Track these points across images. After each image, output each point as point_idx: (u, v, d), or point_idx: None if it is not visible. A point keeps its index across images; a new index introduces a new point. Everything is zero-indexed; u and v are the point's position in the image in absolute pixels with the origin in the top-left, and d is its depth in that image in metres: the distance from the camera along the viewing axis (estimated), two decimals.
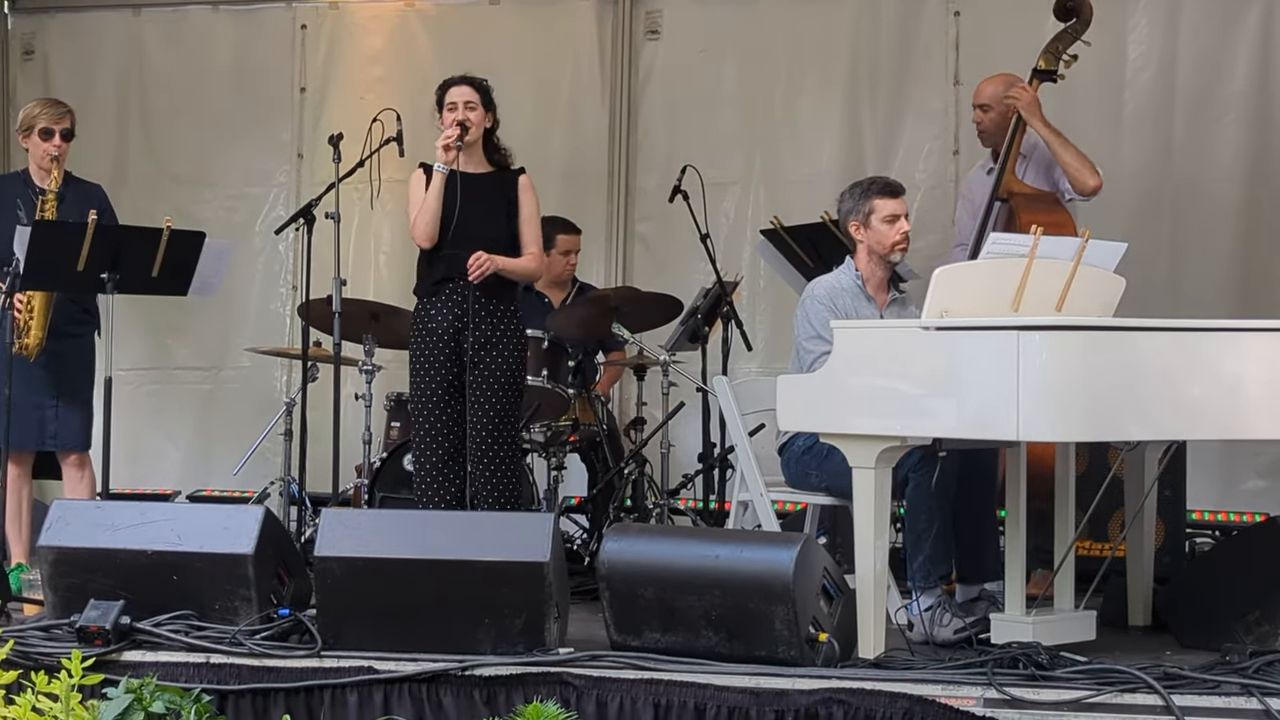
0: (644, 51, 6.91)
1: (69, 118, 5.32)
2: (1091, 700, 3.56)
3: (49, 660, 3.90)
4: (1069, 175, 5.19)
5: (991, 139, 5.42)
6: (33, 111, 5.33)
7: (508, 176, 5.02)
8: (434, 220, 4.88)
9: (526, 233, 5.01)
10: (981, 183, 5.44)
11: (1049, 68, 5.31)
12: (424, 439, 4.93)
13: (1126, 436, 4.06)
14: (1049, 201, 5.18)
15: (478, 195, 4.93)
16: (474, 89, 4.97)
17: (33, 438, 5.24)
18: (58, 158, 5.23)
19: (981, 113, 5.39)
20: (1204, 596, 4.29)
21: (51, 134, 5.25)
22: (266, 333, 6.99)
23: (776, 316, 6.55)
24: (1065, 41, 5.33)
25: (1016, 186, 5.20)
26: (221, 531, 4.17)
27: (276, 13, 7.17)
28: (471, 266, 4.83)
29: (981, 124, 5.42)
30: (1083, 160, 5.20)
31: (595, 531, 5.79)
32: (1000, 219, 5.18)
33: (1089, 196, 5.23)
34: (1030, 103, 5.23)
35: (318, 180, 6.60)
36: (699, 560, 3.89)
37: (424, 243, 4.92)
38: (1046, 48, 5.33)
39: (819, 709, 3.62)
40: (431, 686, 3.84)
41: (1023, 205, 5.11)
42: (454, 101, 4.95)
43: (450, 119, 4.92)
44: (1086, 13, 5.33)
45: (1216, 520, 6.08)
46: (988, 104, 5.37)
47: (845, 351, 4.06)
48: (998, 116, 5.35)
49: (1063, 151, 5.20)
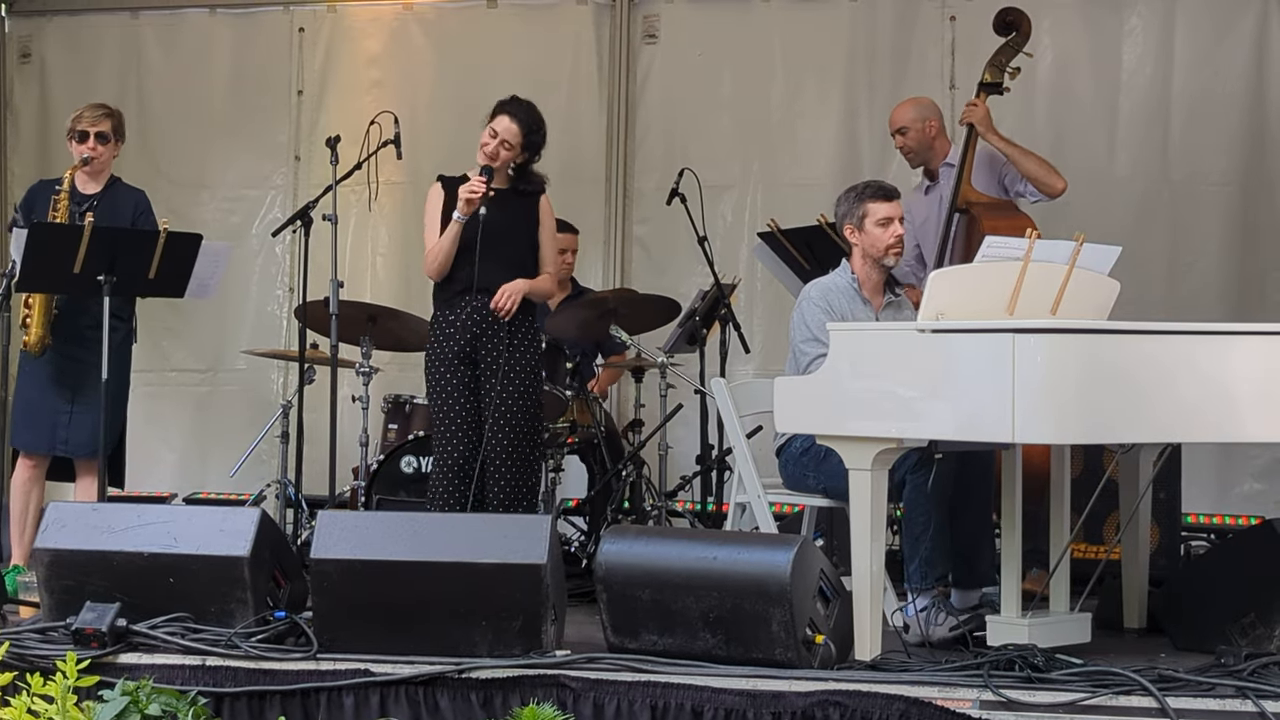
0: (642, 55, 6.92)
1: (108, 120, 5.31)
2: (1087, 702, 3.57)
3: (44, 663, 3.90)
4: (1035, 183, 5.25)
5: (917, 158, 5.48)
6: (77, 114, 5.35)
7: (531, 196, 5.04)
8: (447, 262, 4.93)
9: (546, 253, 5.06)
10: (919, 201, 5.49)
11: (994, 80, 5.40)
12: (442, 446, 4.97)
13: (1121, 439, 4.07)
14: (1008, 209, 5.24)
15: (499, 211, 4.94)
16: (520, 127, 4.93)
17: (45, 442, 5.23)
18: (89, 160, 5.23)
19: (901, 136, 5.46)
20: (1199, 599, 4.30)
21: (85, 136, 5.27)
22: (263, 335, 7.00)
23: (774, 319, 6.56)
24: (1007, 55, 5.41)
25: (974, 196, 5.25)
26: (218, 534, 4.17)
27: (274, 16, 7.17)
28: (498, 307, 4.87)
29: (904, 147, 5.48)
30: (1044, 165, 5.26)
31: (593, 533, 5.80)
32: (961, 229, 5.21)
33: (1056, 197, 5.27)
34: (983, 117, 5.31)
35: (315, 183, 6.61)
36: (696, 562, 3.90)
37: (435, 278, 4.98)
38: (990, 62, 5.42)
39: (815, 711, 3.63)
40: (428, 689, 3.84)
41: (984, 214, 5.16)
42: (495, 130, 4.94)
43: (484, 148, 4.91)
44: (1026, 26, 5.42)
45: (1211, 523, 6.09)
46: (905, 127, 5.44)
47: (842, 354, 4.07)
48: (917, 135, 5.41)
49: (1024, 161, 5.26)
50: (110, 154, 5.32)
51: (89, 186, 5.30)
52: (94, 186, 5.31)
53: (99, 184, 5.32)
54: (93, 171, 5.28)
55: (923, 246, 5.39)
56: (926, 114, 5.42)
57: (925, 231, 5.38)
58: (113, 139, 5.31)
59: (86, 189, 5.29)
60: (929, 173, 5.48)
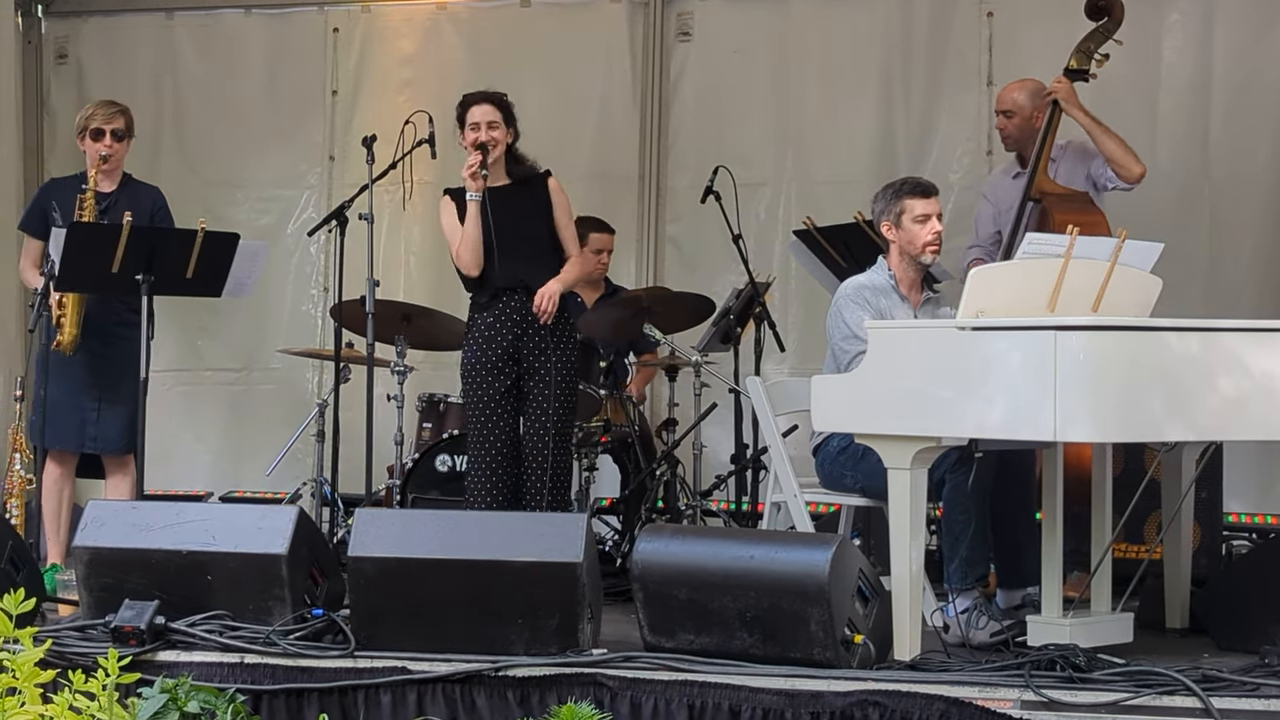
0: (675, 53, 6.90)
1: (121, 117, 5.34)
2: (1129, 702, 3.54)
3: (84, 660, 3.91)
4: (1113, 164, 5.19)
5: (1015, 144, 5.42)
6: (87, 113, 5.36)
7: (536, 181, 5.04)
8: (478, 249, 4.93)
9: (564, 234, 5.06)
10: (1006, 187, 5.43)
11: (1081, 67, 5.32)
12: (479, 444, 4.98)
13: (1164, 437, 4.03)
14: (1082, 201, 5.17)
15: (511, 206, 4.95)
16: (495, 106, 5.00)
17: (74, 439, 5.26)
18: (107, 158, 5.25)
19: (1005, 119, 5.40)
20: (1241, 599, 4.26)
21: (101, 134, 5.28)
22: (298, 334, 7.01)
23: (809, 317, 6.52)
24: (1097, 41, 5.33)
25: (1049, 187, 5.19)
26: (255, 532, 4.18)
27: (308, 16, 7.19)
28: (539, 311, 4.88)
29: (1005, 129, 5.43)
30: (1125, 148, 5.20)
31: (627, 533, 5.79)
32: (1033, 220, 5.16)
33: (1134, 185, 5.22)
34: (1069, 93, 5.23)
35: (349, 182, 6.62)
36: (733, 561, 3.88)
37: (471, 271, 4.99)
38: (1078, 47, 5.33)
39: (854, 711, 3.61)
40: (465, 687, 3.84)
41: (1056, 205, 5.09)
42: (476, 121, 4.98)
43: (473, 138, 4.95)
44: (1118, 12, 5.33)
45: (1253, 523, 6.03)
46: (1011, 110, 5.38)
47: (880, 352, 4.04)
48: (1022, 122, 5.36)
49: (1106, 140, 5.20)
50: (124, 151, 5.34)
51: (104, 185, 5.31)
52: (109, 185, 5.32)
53: (113, 182, 5.33)
54: (108, 170, 5.28)
55: (1003, 231, 5.32)
56: (1037, 103, 5.33)
57: (1008, 218, 5.31)
58: (126, 136, 5.33)
59: (102, 188, 5.30)
60: (1021, 159, 5.41)
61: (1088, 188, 5.27)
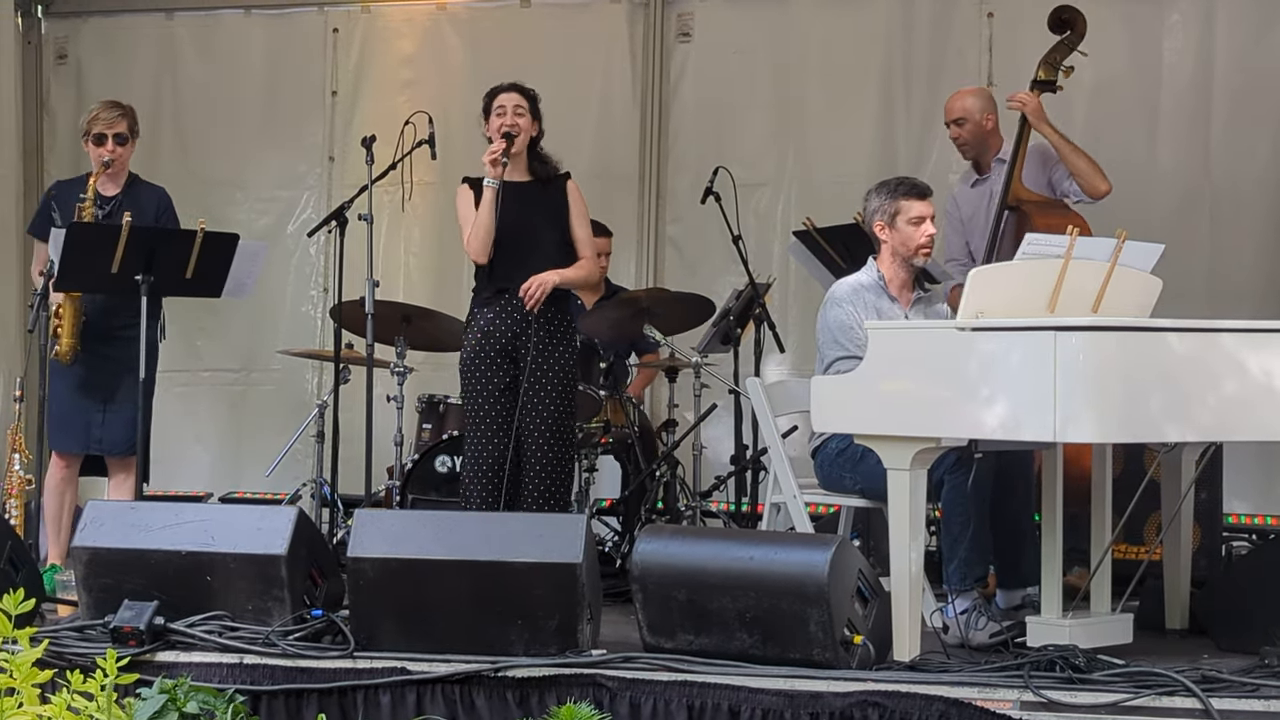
0: (675, 53, 6.91)
1: (124, 120, 5.29)
2: (1129, 703, 3.53)
3: (83, 660, 3.91)
4: (1080, 180, 5.20)
5: (972, 150, 5.44)
6: (90, 115, 5.32)
7: (555, 182, 5.04)
8: (489, 236, 4.91)
9: (579, 237, 5.04)
10: (967, 195, 5.44)
11: (1048, 78, 5.34)
12: (476, 443, 4.97)
13: (1164, 438, 4.03)
14: (1059, 207, 5.20)
15: (527, 204, 4.95)
16: (523, 96, 4.99)
17: (79, 441, 5.25)
18: (109, 164, 5.23)
19: (957, 127, 5.42)
20: (1241, 599, 4.25)
21: (104, 139, 5.25)
22: (298, 335, 7.01)
23: (809, 318, 6.46)
24: (1062, 53, 5.36)
25: (1024, 194, 5.21)
26: (255, 532, 4.18)
27: (308, 16, 7.20)
28: (527, 296, 4.85)
29: (959, 138, 5.44)
30: (1093, 165, 5.21)
31: (627, 533, 5.78)
32: (1010, 227, 5.16)
33: (1097, 200, 5.22)
34: (1036, 109, 5.25)
35: (348, 183, 6.62)
36: (732, 562, 3.88)
37: (480, 259, 4.96)
38: (1044, 59, 5.36)
39: (854, 711, 3.61)
40: (464, 687, 3.84)
41: (1035, 211, 5.11)
42: (503, 106, 4.96)
43: (498, 125, 4.93)
44: (1080, 25, 5.36)
45: (1254, 524, 6.03)
46: (962, 117, 5.40)
47: (880, 353, 4.04)
48: (974, 127, 5.38)
49: (1073, 156, 5.21)
50: (129, 153, 5.31)
51: (108, 188, 5.28)
52: (113, 188, 5.29)
53: (118, 185, 5.30)
54: (112, 174, 5.26)
55: (970, 241, 5.33)
56: (986, 107, 5.38)
57: (972, 227, 5.33)
58: (130, 138, 5.31)
59: (106, 190, 5.27)
60: (978, 166, 5.43)
61: (1049, 194, 5.28)
